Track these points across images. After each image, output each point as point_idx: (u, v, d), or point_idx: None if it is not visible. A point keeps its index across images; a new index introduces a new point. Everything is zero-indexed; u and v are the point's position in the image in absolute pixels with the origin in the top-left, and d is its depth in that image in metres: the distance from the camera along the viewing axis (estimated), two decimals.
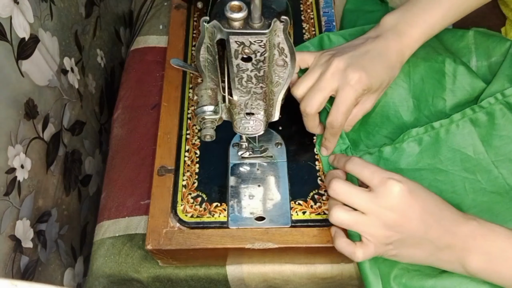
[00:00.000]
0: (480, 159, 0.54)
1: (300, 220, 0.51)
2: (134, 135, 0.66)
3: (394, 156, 0.55)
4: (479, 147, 0.54)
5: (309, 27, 0.66)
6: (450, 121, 0.55)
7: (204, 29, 0.40)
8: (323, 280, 0.58)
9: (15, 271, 0.51)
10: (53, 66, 0.60)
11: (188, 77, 0.62)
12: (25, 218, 0.53)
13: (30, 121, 0.54)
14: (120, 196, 0.61)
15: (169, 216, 0.52)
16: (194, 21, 0.68)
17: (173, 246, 0.50)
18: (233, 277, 0.57)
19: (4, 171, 0.49)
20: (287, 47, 0.41)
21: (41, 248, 0.57)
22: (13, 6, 0.50)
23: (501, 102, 0.54)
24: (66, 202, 0.64)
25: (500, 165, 0.53)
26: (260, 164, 0.55)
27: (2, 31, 0.48)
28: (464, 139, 0.54)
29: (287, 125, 0.57)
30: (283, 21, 0.38)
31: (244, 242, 0.50)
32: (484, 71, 0.59)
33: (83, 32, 0.71)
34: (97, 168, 0.77)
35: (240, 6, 0.37)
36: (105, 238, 0.59)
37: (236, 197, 0.52)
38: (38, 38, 0.55)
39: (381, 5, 0.74)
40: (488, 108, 0.54)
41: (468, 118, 0.55)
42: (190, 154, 0.56)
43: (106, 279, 0.57)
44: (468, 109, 0.55)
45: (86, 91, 0.72)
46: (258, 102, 0.46)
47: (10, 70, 0.50)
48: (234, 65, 0.41)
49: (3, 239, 0.49)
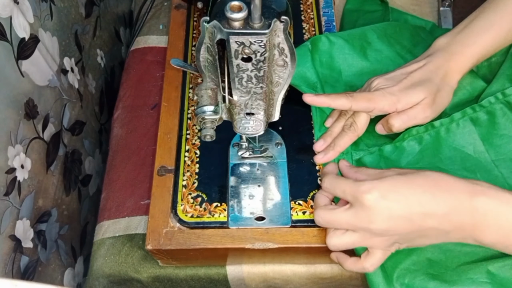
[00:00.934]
0: (480, 158, 0.54)
1: (300, 220, 0.51)
2: (134, 135, 0.66)
3: (395, 155, 0.55)
4: (479, 146, 0.54)
5: (309, 27, 0.66)
6: (450, 120, 0.54)
7: (204, 29, 0.40)
8: (323, 280, 0.58)
9: (15, 271, 0.51)
10: (53, 66, 0.60)
11: (188, 77, 0.62)
12: (25, 218, 0.53)
13: (30, 121, 0.54)
14: (120, 196, 0.61)
15: (169, 216, 0.52)
16: (194, 21, 0.68)
17: (173, 246, 0.50)
18: (233, 277, 0.57)
19: (4, 171, 0.49)
20: (287, 47, 0.41)
21: (41, 248, 0.57)
22: (13, 6, 0.50)
23: (502, 101, 0.54)
24: (66, 202, 0.64)
25: (500, 165, 0.53)
26: (260, 164, 0.55)
27: (2, 31, 0.48)
28: (464, 138, 0.54)
29: (287, 125, 0.57)
30: (283, 21, 0.38)
31: (244, 242, 0.50)
32: (484, 71, 0.59)
33: (83, 32, 0.71)
34: (97, 168, 0.77)
35: (240, 6, 0.37)
36: (105, 238, 0.59)
37: (236, 197, 0.52)
38: (38, 38, 0.55)
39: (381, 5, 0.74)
40: (488, 107, 0.54)
41: (469, 117, 0.55)
42: (190, 154, 0.56)
43: (106, 279, 0.57)
44: (469, 108, 0.55)
45: (86, 91, 0.72)
46: (258, 102, 0.46)
47: (10, 70, 0.50)
48: (234, 65, 0.41)
49: (3, 239, 0.49)
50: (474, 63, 0.53)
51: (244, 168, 0.55)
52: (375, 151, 0.55)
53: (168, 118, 0.59)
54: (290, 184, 0.53)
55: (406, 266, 0.49)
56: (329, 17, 0.67)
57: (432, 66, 0.52)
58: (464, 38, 0.52)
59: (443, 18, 0.72)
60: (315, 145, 0.55)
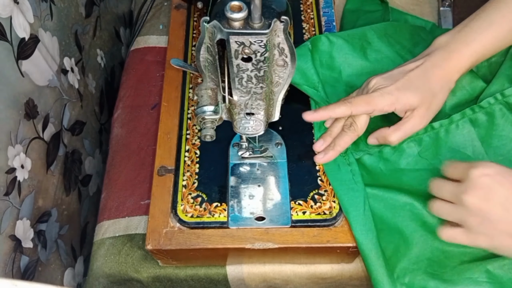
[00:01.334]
0: (479, 159, 0.54)
1: (300, 220, 0.51)
2: (134, 135, 0.66)
3: (394, 156, 0.55)
4: (478, 147, 0.54)
5: (309, 27, 0.66)
6: (449, 121, 0.55)
7: (204, 29, 0.40)
8: (323, 280, 0.58)
9: (15, 271, 0.51)
10: (53, 66, 0.60)
11: (188, 77, 0.62)
12: (25, 218, 0.53)
13: (30, 121, 0.54)
14: (120, 196, 0.61)
15: (169, 216, 0.52)
16: (194, 21, 0.68)
17: (173, 246, 0.50)
18: (233, 277, 0.57)
19: (4, 171, 0.49)
20: (287, 47, 0.41)
21: (41, 248, 0.57)
22: (13, 6, 0.50)
23: (501, 102, 0.54)
24: (66, 202, 0.64)
25: None
26: (260, 164, 0.55)
27: (2, 31, 0.48)
28: (464, 139, 0.54)
29: (287, 125, 0.57)
30: (283, 21, 0.38)
31: (244, 242, 0.50)
32: (484, 71, 0.59)
33: (83, 32, 0.71)
34: (97, 168, 0.77)
35: (240, 6, 0.37)
36: (105, 238, 0.59)
37: (236, 197, 0.52)
38: (38, 38, 0.55)
39: (381, 5, 0.74)
40: (487, 108, 0.54)
41: (468, 118, 0.55)
42: (190, 154, 0.56)
43: (106, 279, 0.57)
44: (468, 109, 0.55)
45: (86, 91, 0.72)
46: (258, 102, 0.46)
47: (10, 70, 0.50)
48: (234, 65, 0.41)
49: (3, 239, 0.49)
50: (473, 62, 0.52)
51: (244, 168, 0.55)
52: (374, 153, 0.56)
53: (168, 118, 0.59)
54: (290, 184, 0.53)
55: (406, 266, 0.49)
56: (329, 17, 0.67)
57: (430, 64, 0.52)
58: (463, 36, 0.52)
59: (443, 18, 0.72)
60: (315, 145, 0.55)
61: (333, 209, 0.51)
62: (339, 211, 0.51)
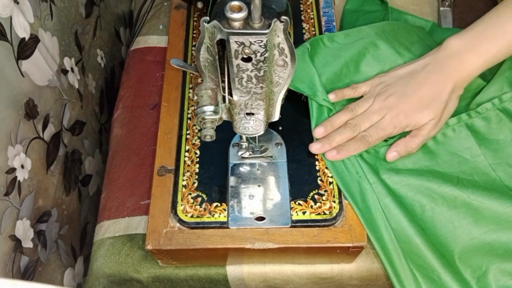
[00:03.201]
0: (477, 162, 0.54)
1: (300, 220, 0.51)
2: (134, 135, 0.66)
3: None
4: (476, 151, 0.54)
5: (309, 27, 0.66)
6: (445, 126, 0.55)
7: (204, 29, 0.40)
8: (323, 280, 0.58)
9: (15, 271, 0.51)
10: (53, 66, 0.60)
11: (188, 77, 0.62)
12: (25, 218, 0.53)
13: (30, 121, 0.54)
14: (120, 196, 0.61)
15: (169, 216, 0.52)
16: (194, 21, 0.68)
17: (173, 246, 0.50)
18: (233, 277, 0.57)
19: (4, 171, 0.49)
20: (287, 47, 0.41)
21: (41, 248, 0.57)
22: (13, 6, 0.50)
23: (498, 107, 0.54)
24: (66, 202, 0.65)
25: (497, 168, 0.53)
26: (260, 164, 0.55)
27: (2, 31, 0.48)
28: (461, 143, 0.55)
29: (287, 125, 0.57)
30: (283, 21, 0.38)
31: (244, 242, 0.50)
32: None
33: (83, 32, 0.71)
34: (97, 168, 0.77)
35: (240, 6, 0.37)
36: (105, 238, 0.59)
37: (236, 197, 0.52)
38: (38, 38, 0.55)
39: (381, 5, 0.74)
40: (484, 114, 0.54)
41: (464, 123, 0.55)
42: (190, 154, 0.56)
43: (106, 279, 0.57)
44: (464, 114, 0.55)
45: (86, 91, 0.72)
46: (258, 102, 0.46)
47: (10, 70, 0.50)
48: (234, 65, 0.41)
49: (3, 239, 0.49)
50: (484, 70, 0.53)
51: (244, 168, 0.55)
52: (371, 152, 0.56)
53: (168, 118, 0.59)
54: (290, 184, 0.53)
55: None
56: (329, 17, 0.67)
57: (442, 78, 0.52)
58: (477, 46, 0.52)
59: (443, 18, 0.72)
60: (314, 130, 0.55)
61: (333, 209, 0.51)
62: (339, 211, 0.51)
